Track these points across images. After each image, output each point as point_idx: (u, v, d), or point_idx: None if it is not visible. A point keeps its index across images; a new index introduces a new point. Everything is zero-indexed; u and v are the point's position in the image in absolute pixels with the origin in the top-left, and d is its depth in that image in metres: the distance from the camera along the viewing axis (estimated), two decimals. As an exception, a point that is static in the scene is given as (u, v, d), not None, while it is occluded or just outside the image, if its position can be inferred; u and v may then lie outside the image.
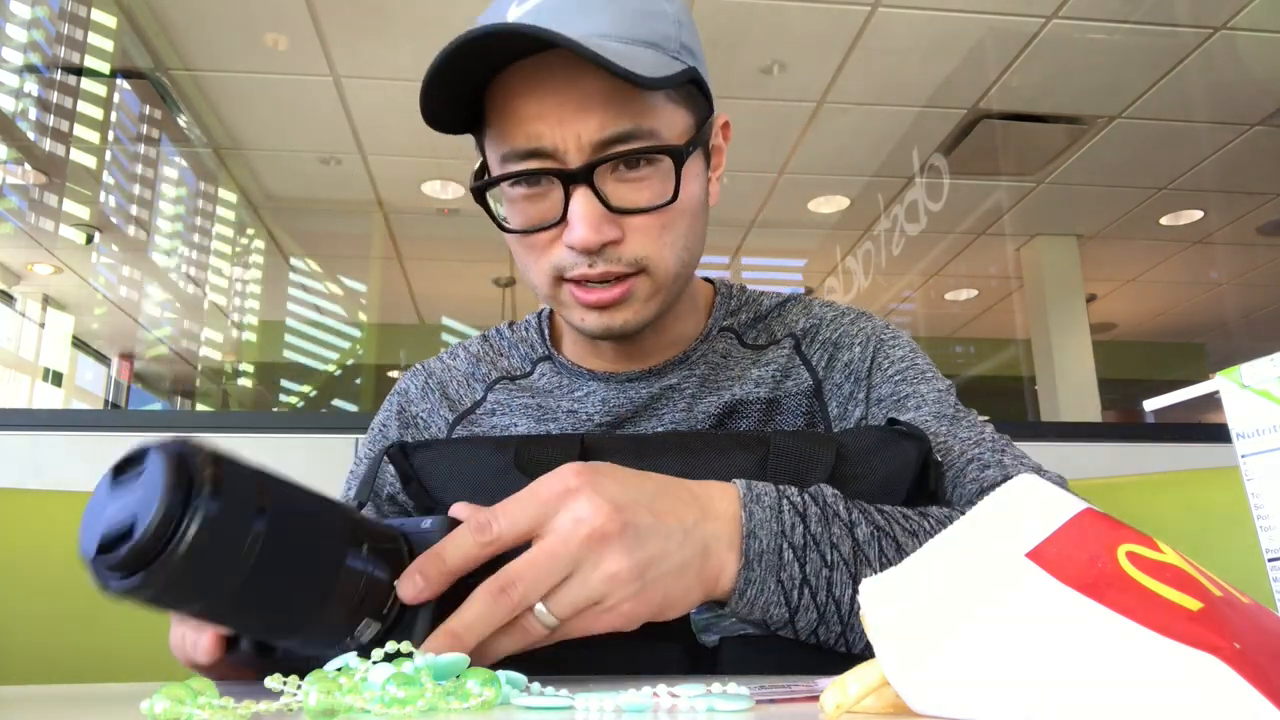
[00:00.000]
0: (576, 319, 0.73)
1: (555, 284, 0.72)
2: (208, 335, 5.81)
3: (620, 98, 0.66)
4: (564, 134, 0.66)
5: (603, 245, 0.68)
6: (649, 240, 0.69)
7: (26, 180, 4.21)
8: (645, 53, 0.67)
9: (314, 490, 0.45)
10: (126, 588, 0.39)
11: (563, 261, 0.70)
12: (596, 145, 0.67)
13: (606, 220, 0.67)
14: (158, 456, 0.39)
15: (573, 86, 0.66)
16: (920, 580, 0.34)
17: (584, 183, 0.67)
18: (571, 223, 0.67)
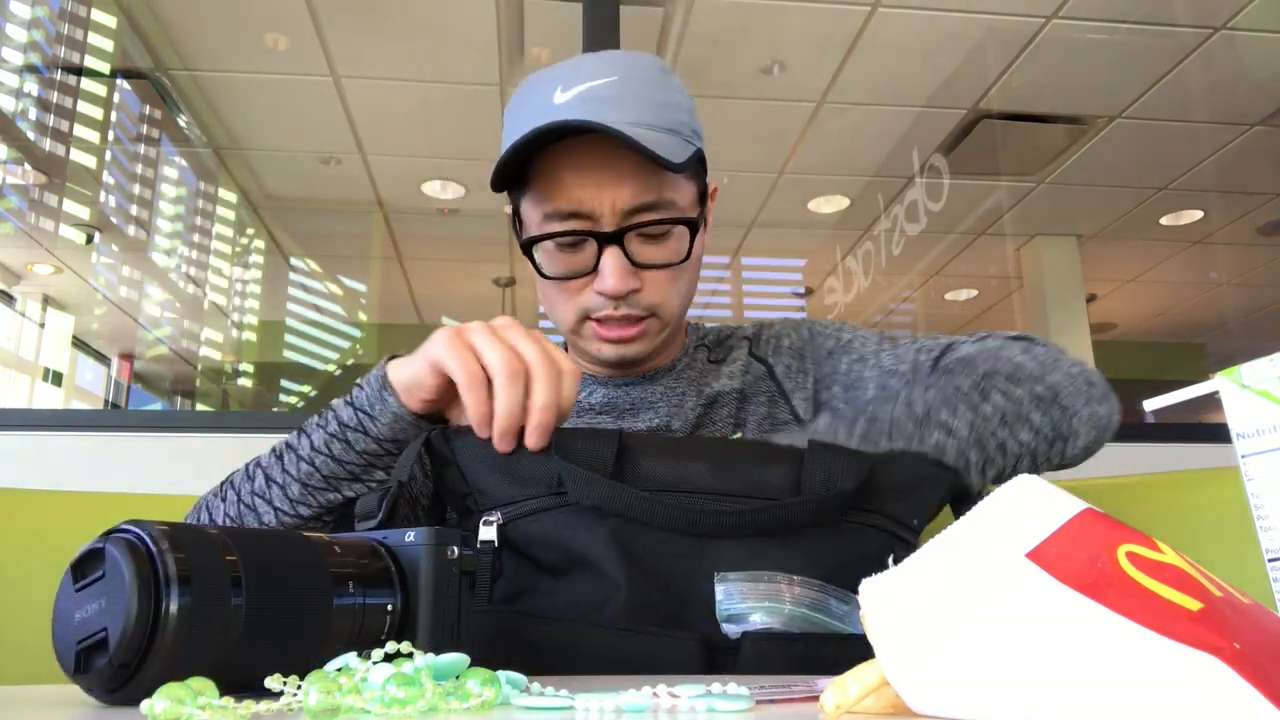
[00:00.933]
0: (594, 350, 0.87)
1: (580, 322, 0.86)
2: (208, 335, 5.81)
3: (647, 174, 0.80)
4: (601, 200, 0.80)
5: (627, 293, 0.82)
6: (662, 290, 0.85)
7: (26, 180, 4.21)
8: (668, 138, 0.81)
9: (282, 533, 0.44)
10: (117, 701, 0.38)
11: (591, 304, 0.84)
12: (627, 212, 0.81)
13: (631, 273, 0.82)
14: (117, 555, 0.38)
15: (611, 163, 0.80)
16: (920, 580, 0.34)
17: (616, 243, 0.81)
18: (604, 274, 0.82)
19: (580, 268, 0.83)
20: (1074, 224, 4.78)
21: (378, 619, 0.46)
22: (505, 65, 3.28)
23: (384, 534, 0.50)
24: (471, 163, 4.08)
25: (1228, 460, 0.46)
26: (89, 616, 0.38)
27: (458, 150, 4.00)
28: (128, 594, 0.37)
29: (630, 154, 0.77)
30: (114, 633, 0.37)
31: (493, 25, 3.07)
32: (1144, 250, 5.11)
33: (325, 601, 0.44)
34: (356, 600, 0.45)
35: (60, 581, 0.40)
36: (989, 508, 0.35)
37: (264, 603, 0.40)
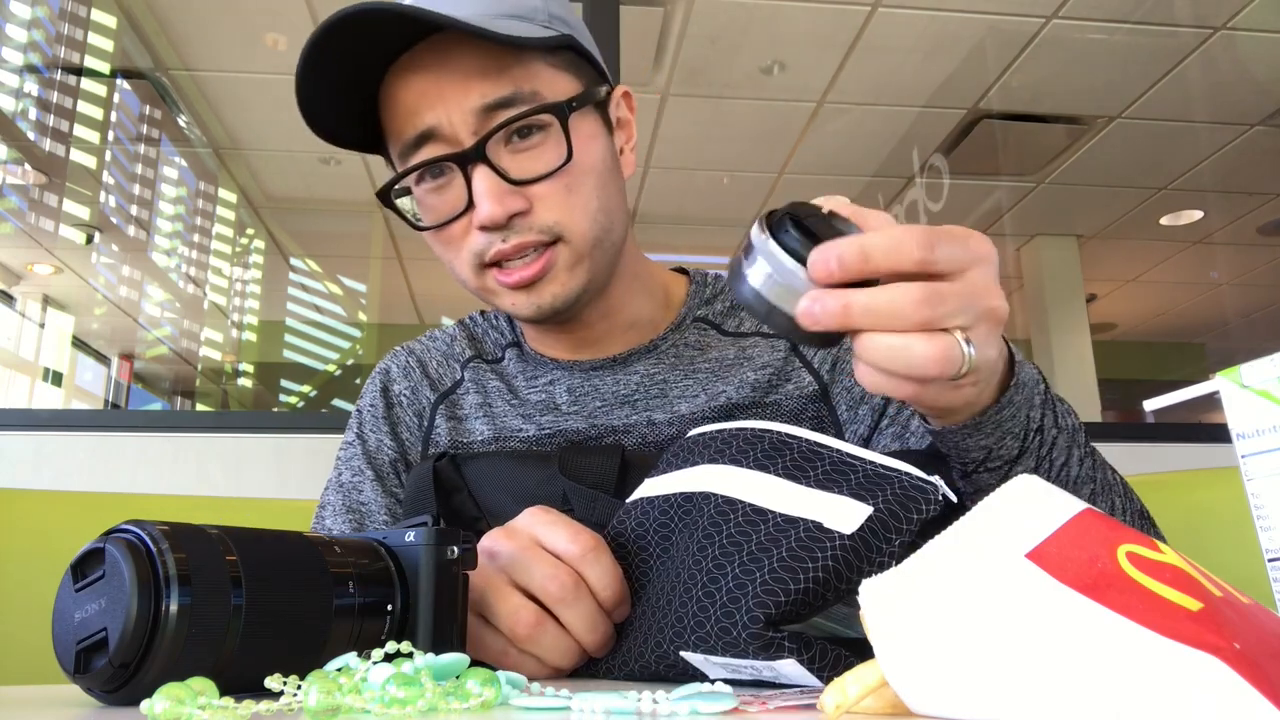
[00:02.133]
0: (508, 304, 0.73)
1: (479, 273, 0.71)
2: (208, 335, 5.81)
3: (495, 66, 0.67)
4: (446, 110, 0.67)
5: (510, 217, 0.68)
6: (557, 205, 0.69)
7: (26, 180, 4.21)
8: (511, 22, 0.67)
9: (282, 534, 0.44)
10: (116, 701, 0.38)
11: (479, 245, 0.69)
12: (480, 115, 0.67)
13: (509, 193, 0.68)
14: (117, 555, 0.38)
15: (446, 65, 0.67)
16: (920, 580, 0.34)
17: (479, 160, 0.67)
18: (476, 202, 0.67)
19: (454, 206, 0.69)
20: (1074, 224, 4.78)
21: (378, 619, 0.46)
22: (505, 65, 3.28)
23: (384, 534, 0.50)
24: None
25: (1228, 460, 0.46)
26: (89, 616, 0.38)
27: (458, 150, 4.00)
28: (128, 594, 0.37)
29: (469, 50, 0.66)
30: (114, 633, 0.37)
31: (493, 25, 3.07)
32: (1144, 250, 5.11)
33: (325, 601, 0.44)
34: (356, 600, 0.45)
35: (60, 581, 0.40)
36: (989, 508, 0.35)
37: (264, 603, 0.40)
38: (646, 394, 0.78)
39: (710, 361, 0.79)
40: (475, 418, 0.81)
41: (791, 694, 0.41)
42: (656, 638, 0.51)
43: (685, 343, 0.81)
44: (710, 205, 4.55)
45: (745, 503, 0.51)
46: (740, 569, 0.48)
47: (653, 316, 0.82)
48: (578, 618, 0.53)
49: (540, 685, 0.42)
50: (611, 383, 0.79)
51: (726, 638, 0.46)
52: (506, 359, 0.85)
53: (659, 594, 0.52)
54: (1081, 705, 0.29)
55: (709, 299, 0.84)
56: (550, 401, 0.80)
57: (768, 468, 0.52)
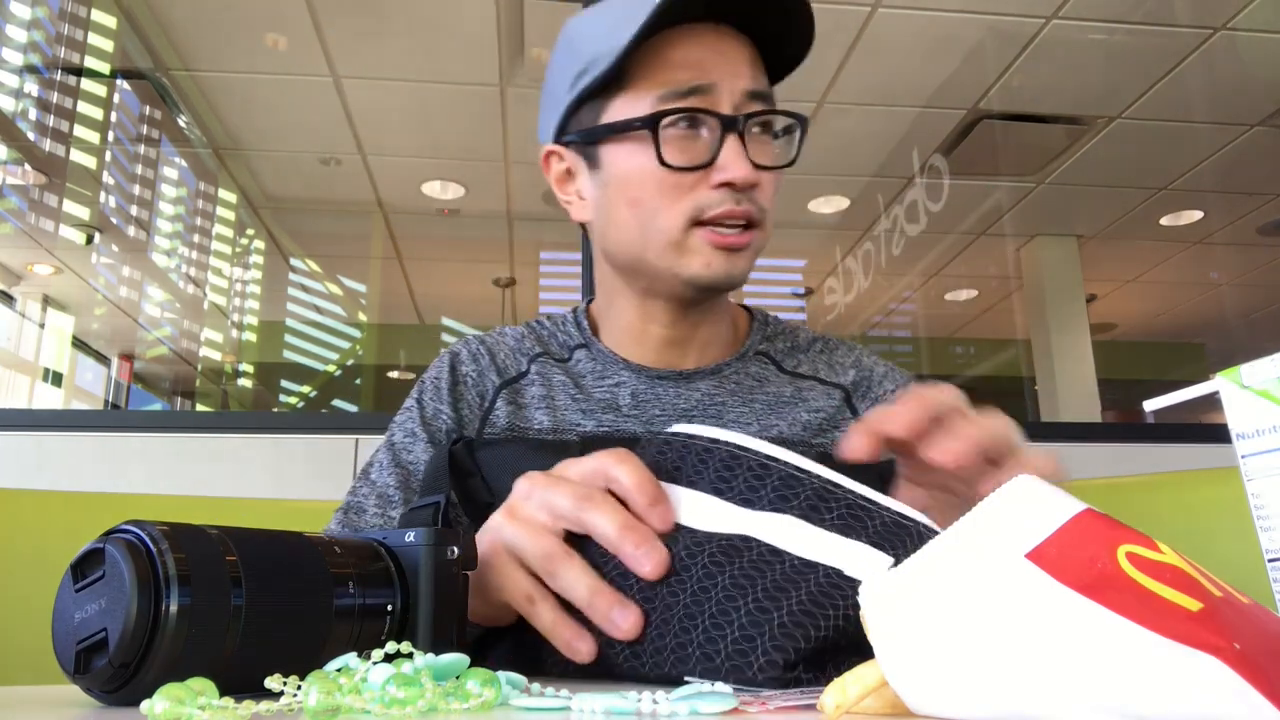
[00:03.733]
0: (700, 264, 0.76)
1: (688, 228, 0.76)
2: (208, 335, 5.81)
3: (760, 65, 0.78)
4: (723, 78, 0.75)
5: (749, 186, 0.75)
6: (769, 196, 0.78)
7: (26, 180, 4.21)
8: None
9: (282, 534, 0.44)
10: (117, 701, 0.38)
11: (708, 200, 0.75)
12: (746, 97, 0.76)
13: (751, 166, 0.74)
14: (117, 555, 0.38)
15: (729, 45, 0.77)
16: (920, 581, 0.34)
17: (737, 131, 0.74)
18: (727, 163, 0.74)
19: (697, 157, 0.74)
20: (1074, 224, 4.78)
21: (378, 619, 0.46)
22: (505, 65, 3.28)
23: (384, 534, 0.50)
24: (471, 163, 4.08)
25: (1228, 460, 0.46)
26: (89, 616, 0.38)
27: (458, 150, 4.00)
28: (128, 594, 0.37)
29: (744, 46, 0.77)
30: (114, 633, 0.37)
31: (493, 25, 3.07)
32: (1144, 250, 5.11)
33: (325, 601, 0.44)
34: (356, 600, 0.45)
35: (60, 581, 0.40)
36: (989, 508, 0.35)
37: (264, 603, 0.40)
38: (704, 412, 0.82)
39: (768, 395, 0.84)
40: (537, 408, 0.83)
41: (792, 694, 0.41)
42: (655, 659, 0.50)
43: (747, 372, 0.85)
44: (710, 205, 4.55)
45: (760, 541, 0.49)
46: (755, 606, 0.47)
47: (725, 340, 0.87)
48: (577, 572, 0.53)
49: (540, 685, 0.42)
50: (674, 394, 0.83)
51: (738, 674, 0.46)
52: (575, 359, 0.88)
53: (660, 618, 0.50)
54: (1081, 705, 0.29)
55: (770, 336, 0.90)
56: (613, 402, 0.83)
57: (781, 507, 0.50)
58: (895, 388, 0.87)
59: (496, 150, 3.95)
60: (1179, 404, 6.51)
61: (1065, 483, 0.44)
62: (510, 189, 4.32)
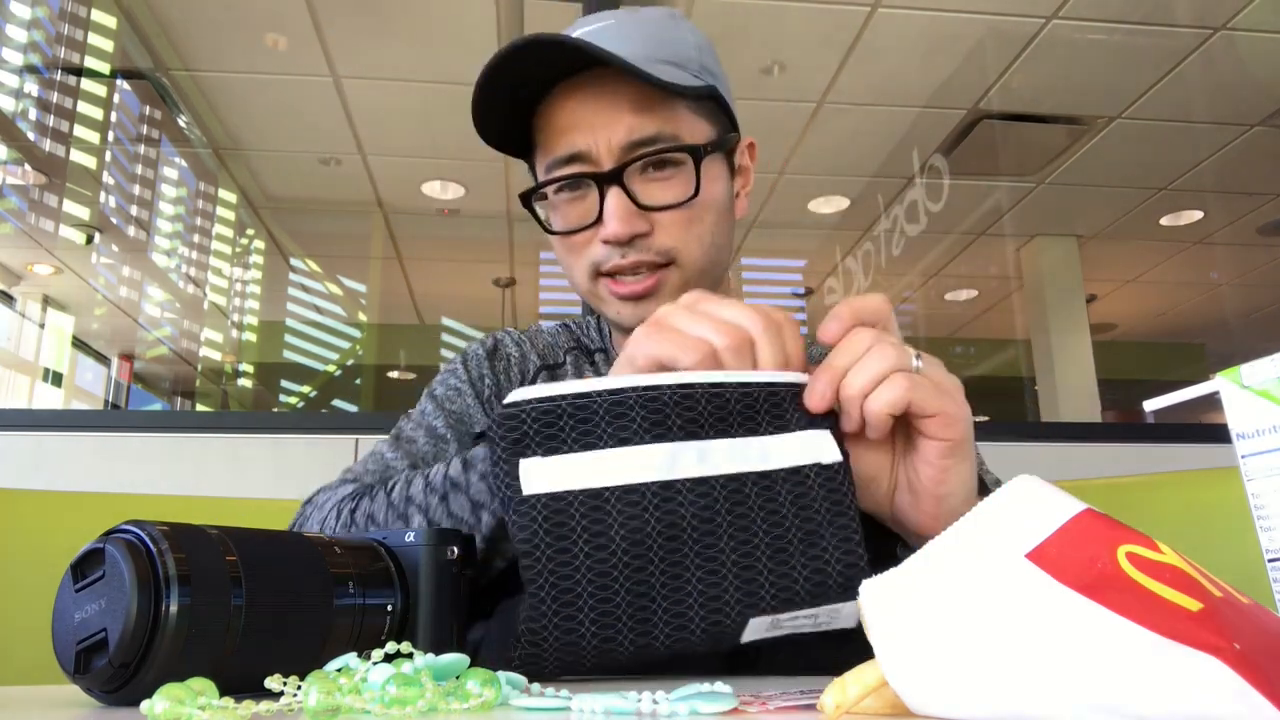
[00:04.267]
0: (613, 312, 0.80)
1: (593, 279, 0.80)
2: (208, 335, 5.81)
3: (646, 106, 0.76)
4: (596, 139, 0.76)
5: (632, 237, 0.76)
6: (676, 233, 0.77)
7: (26, 180, 4.21)
8: (667, 68, 0.76)
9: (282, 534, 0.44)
10: (117, 701, 0.38)
11: (599, 256, 0.78)
12: (625, 148, 0.76)
13: (636, 215, 0.76)
14: (117, 555, 0.38)
15: (604, 98, 0.76)
16: (920, 581, 0.34)
17: (615, 183, 0.75)
18: (605, 219, 0.76)
19: (584, 217, 0.78)
20: (1074, 224, 4.78)
21: (378, 619, 0.46)
22: (505, 65, 3.28)
23: (384, 534, 0.50)
24: (471, 163, 4.08)
25: (1228, 460, 0.46)
26: (89, 616, 0.38)
27: (458, 150, 4.00)
28: (128, 594, 0.37)
29: (626, 89, 0.75)
30: (114, 633, 0.37)
31: (493, 25, 3.07)
32: (1144, 250, 5.11)
33: (325, 601, 0.44)
34: (356, 600, 0.45)
35: (60, 581, 0.40)
36: (989, 508, 0.35)
37: (264, 603, 0.40)
38: None
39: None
40: None
41: (792, 694, 0.41)
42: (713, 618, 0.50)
43: None
44: (710, 205, 4.55)
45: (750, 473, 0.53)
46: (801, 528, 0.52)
47: None
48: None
49: (540, 686, 0.42)
50: None
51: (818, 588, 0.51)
52: (595, 363, 0.93)
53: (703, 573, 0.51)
54: (1082, 705, 0.29)
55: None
56: None
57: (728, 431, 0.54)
58: None
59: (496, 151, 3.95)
60: (1179, 404, 6.51)
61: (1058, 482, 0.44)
62: (510, 189, 4.32)
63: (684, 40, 0.80)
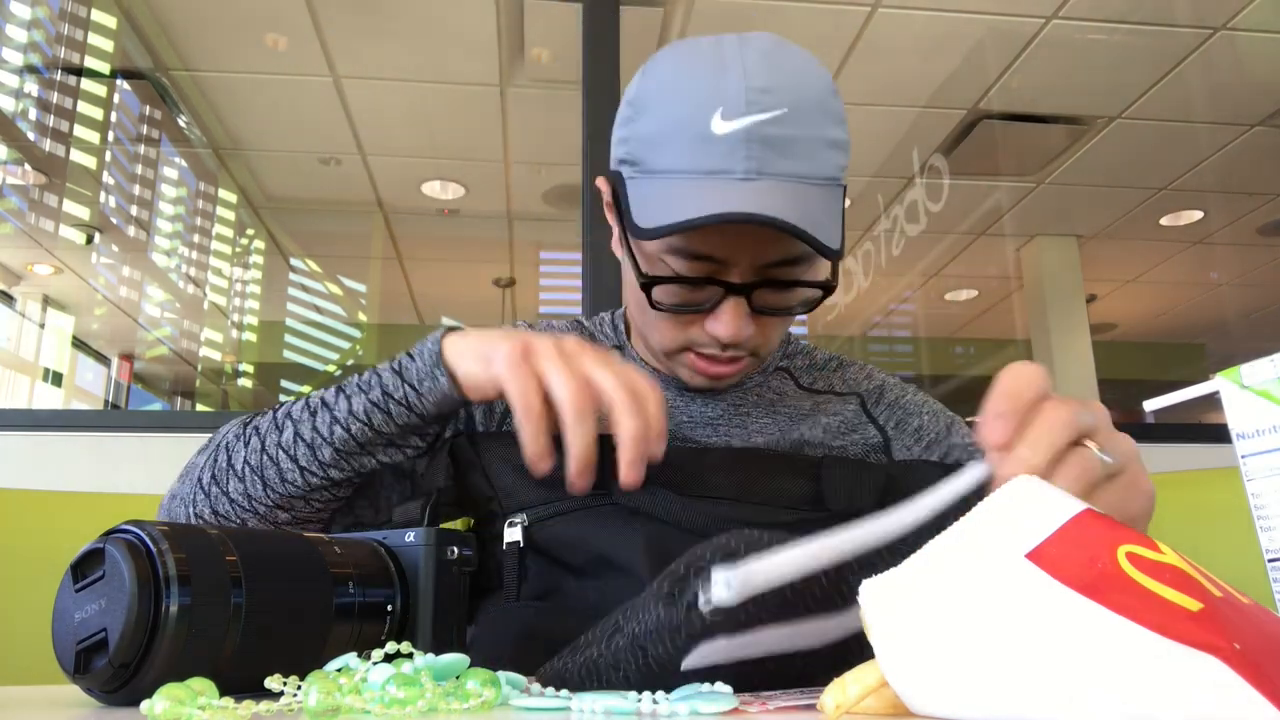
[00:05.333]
0: (686, 375, 0.80)
1: (680, 350, 0.79)
2: (208, 335, 5.81)
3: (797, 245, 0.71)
4: (740, 257, 0.72)
5: (740, 342, 0.75)
6: (770, 334, 0.78)
7: (26, 180, 4.21)
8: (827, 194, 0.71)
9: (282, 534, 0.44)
10: (117, 701, 0.38)
11: (698, 340, 0.76)
12: (762, 267, 0.73)
13: (748, 320, 0.74)
14: (117, 555, 0.38)
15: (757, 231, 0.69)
16: (920, 581, 0.34)
17: (743, 295, 0.73)
18: (721, 319, 0.73)
19: (698, 303, 0.74)
20: (1074, 224, 4.78)
21: (378, 619, 0.46)
22: (505, 65, 3.28)
23: (384, 534, 0.50)
24: (471, 163, 4.08)
25: (1228, 460, 0.46)
26: (89, 616, 0.38)
27: (458, 150, 4.00)
28: (128, 594, 0.37)
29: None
30: (114, 633, 0.37)
31: (493, 25, 3.07)
32: (1144, 250, 5.11)
33: (325, 601, 0.44)
34: (356, 599, 0.45)
35: (60, 581, 0.40)
36: (989, 508, 0.35)
37: (264, 603, 0.40)
38: (729, 421, 0.84)
39: (789, 408, 0.86)
40: None
41: (792, 694, 0.41)
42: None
43: (769, 386, 0.88)
44: (710, 205, 4.55)
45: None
46: None
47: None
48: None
49: (540, 686, 0.42)
50: (700, 404, 0.85)
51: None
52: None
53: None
54: (1081, 705, 0.29)
55: (790, 354, 0.92)
56: None
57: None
58: (906, 395, 0.90)
59: (496, 150, 3.95)
60: (1179, 404, 6.51)
61: None
62: (510, 189, 4.32)
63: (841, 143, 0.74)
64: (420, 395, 0.66)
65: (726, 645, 0.39)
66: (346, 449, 0.67)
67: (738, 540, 0.44)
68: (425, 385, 0.65)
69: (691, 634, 0.38)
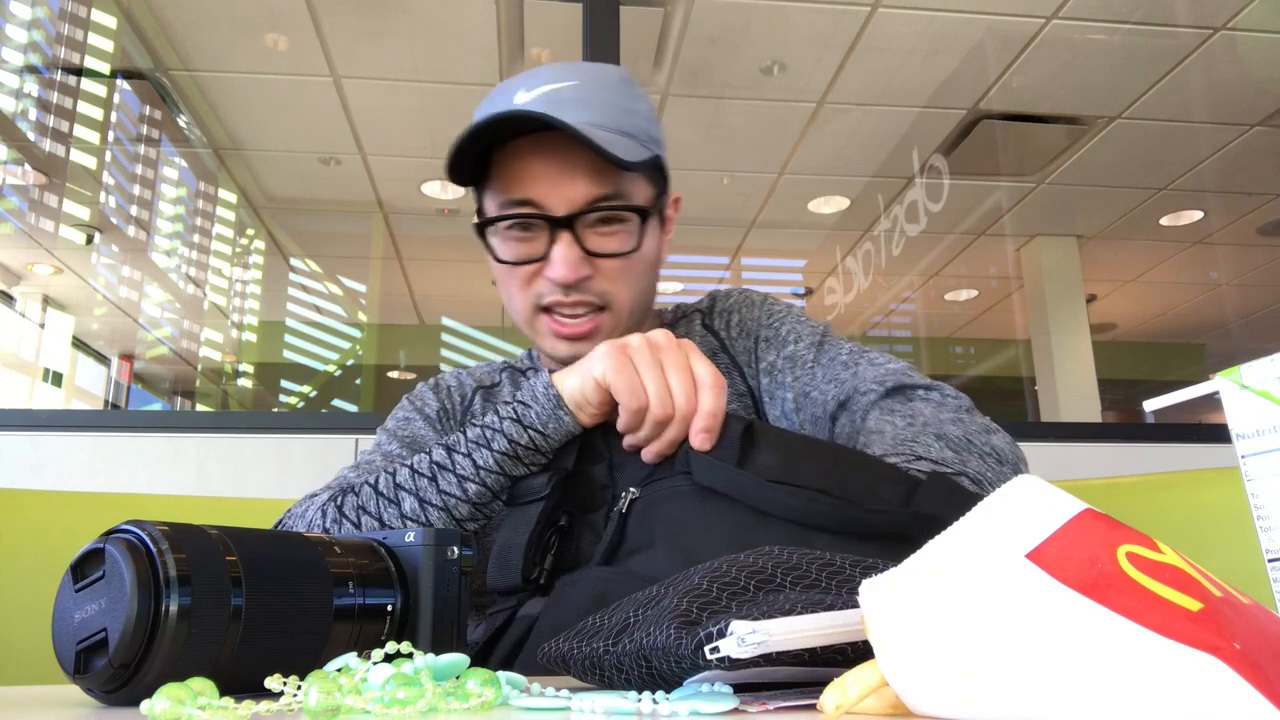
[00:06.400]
0: (549, 347, 0.89)
1: (535, 314, 0.88)
2: (208, 335, 5.81)
3: (602, 172, 0.83)
4: (555, 194, 0.84)
5: (577, 280, 0.84)
6: (615, 282, 0.86)
7: (26, 180, 4.21)
8: (623, 140, 0.84)
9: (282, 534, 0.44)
10: (117, 701, 0.38)
11: (543, 291, 0.86)
12: (579, 205, 0.84)
13: (582, 261, 0.84)
14: (117, 555, 0.38)
15: (567, 159, 0.83)
16: (920, 581, 0.34)
17: (567, 229, 0.84)
18: (553, 261, 0.84)
19: (532, 253, 0.85)
20: (1074, 224, 4.78)
21: (378, 619, 0.46)
22: (505, 65, 3.28)
23: (384, 534, 0.50)
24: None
25: (1228, 460, 0.46)
26: (89, 617, 0.38)
27: (458, 150, 4.00)
28: (128, 594, 0.37)
29: (585, 151, 0.81)
30: (114, 633, 0.37)
31: (493, 25, 3.07)
32: (1144, 250, 5.11)
33: (325, 601, 0.44)
34: (356, 600, 0.45)
35: (60, 581, 0.40)
36: (989, 508, 0.35)
37: (264, 603, 0.40)
38: None
39: None
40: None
41: (792, 694, 0.41)
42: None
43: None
44: (710, 205, 4.56)
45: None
46: None
47: None
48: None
49: (540, 686, 0.42)
50: None
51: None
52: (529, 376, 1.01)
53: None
54: (1081, 705, 0.29)
55: (661, 319, 1.02)
56: None
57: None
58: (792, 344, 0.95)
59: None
60: (1179, 404, 6.51)
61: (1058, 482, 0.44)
62: (510, 189, 4.32)
63: (638, 112, 0.88)
64: (546, 436, 0.73)
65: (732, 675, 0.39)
66: (482, 500, 0.73)
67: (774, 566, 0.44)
68: (550, 426, 0.73)
69: (697, 666, 0.38)
